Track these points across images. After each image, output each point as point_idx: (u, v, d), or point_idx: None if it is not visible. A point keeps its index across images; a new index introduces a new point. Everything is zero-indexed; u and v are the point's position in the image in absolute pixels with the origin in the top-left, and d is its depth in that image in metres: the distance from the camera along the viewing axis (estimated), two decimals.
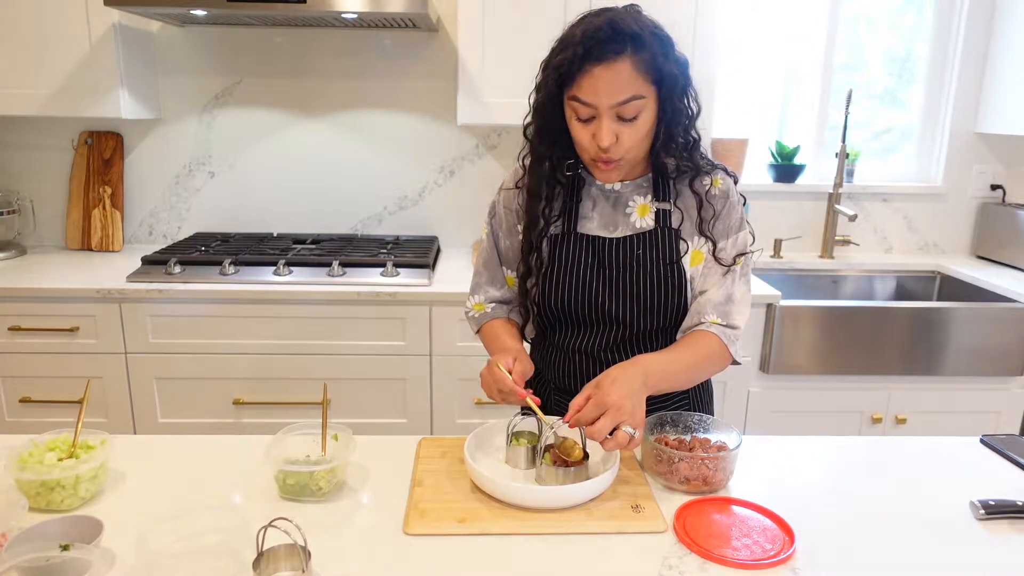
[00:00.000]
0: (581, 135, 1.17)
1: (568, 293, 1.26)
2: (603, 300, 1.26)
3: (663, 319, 1.27)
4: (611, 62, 1.10)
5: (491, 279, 1.40)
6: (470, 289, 1.43)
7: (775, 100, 2.90)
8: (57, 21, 2.28)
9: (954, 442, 1.31)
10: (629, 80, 1.11)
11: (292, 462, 1.07)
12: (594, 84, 1.11)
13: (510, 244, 1.36)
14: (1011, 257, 2.73)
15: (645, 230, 1.26)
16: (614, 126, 1.13)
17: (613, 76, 1.10)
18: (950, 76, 2.81)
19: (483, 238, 1.40)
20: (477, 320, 1.42)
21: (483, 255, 1.40)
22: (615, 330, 1.28)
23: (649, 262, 1.25)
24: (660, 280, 1.25)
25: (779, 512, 1.04)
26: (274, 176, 2.73)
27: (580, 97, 1.13)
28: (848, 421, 2.38)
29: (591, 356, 1.30)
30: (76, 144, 2.67)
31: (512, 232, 1.35)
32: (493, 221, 1.38)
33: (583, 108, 1.14)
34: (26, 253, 2.63)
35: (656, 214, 1.27)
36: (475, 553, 0.95)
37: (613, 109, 1.12)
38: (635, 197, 1.28)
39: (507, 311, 1.41)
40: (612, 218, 1.28)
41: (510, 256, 1.37)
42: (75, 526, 0.93)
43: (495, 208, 1.37)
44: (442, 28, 2.61)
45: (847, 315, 2.28)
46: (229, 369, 2.24)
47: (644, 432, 1.15)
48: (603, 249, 1.26)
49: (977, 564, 0.96)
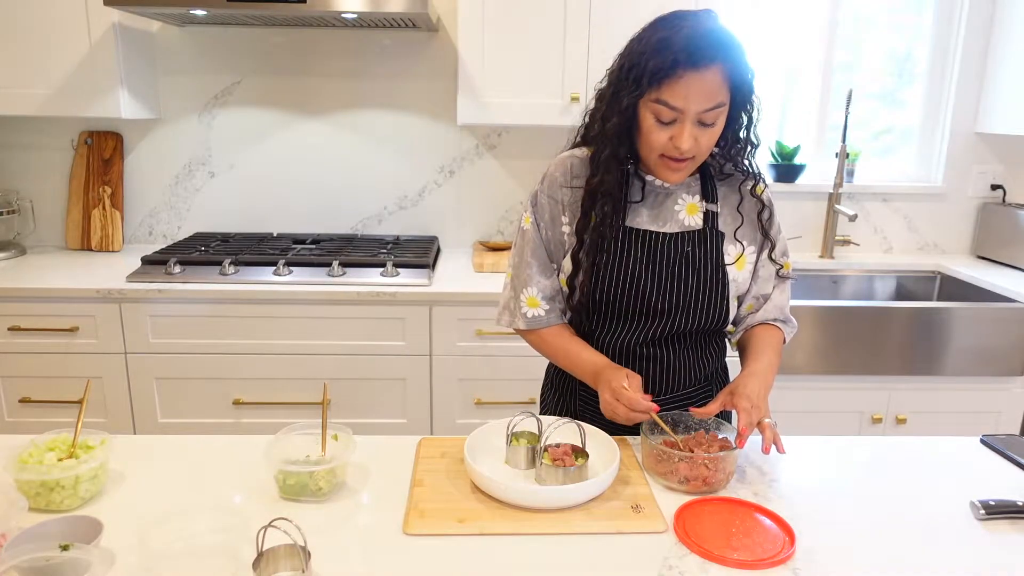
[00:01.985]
0: (657, 136, 1.17)
1: (616, 285, 1.26)
2: (650, 294, 1.26)
3: (705, 319, 1.29)
4: (704, 70, 1.11)
5: (542, 269, 1.34)
6: (518, 282, 1.35)
7: (775, 100, 2.90)
8: (57, 21, 2.28)
9: (954, 442, 1.31)
10: (717, 88, 1.13)
11: (292, 462, 1.07)
12: (685, 90, 1.11)
13: (552, 236, 1.32)
14: (1011, 257, 2.73)
15: (693, 229, 1.29)
16: (695, 130, 1.15)
17: (704, 84, 1.12)
18: (950, 76, 2.81)
19: (525, 228, 1.34)
20: (531, 321, 1.35)
21: (529, 245, 1.33)
22: (656, 325, 1.29)
23: (697, 260, 1.28)
24: (706, 279, 1.28)
25: (779, 512, 1.04)
26: (274, 176, 2.73)
27: (669, 102, 1.13)
28: (848, 421, 2.38)
29: (628, 350, 1.31)
30: (76, 144, 2.67)
31: (555, 223, 1.32)
32: (536, 211, 1.33)
33: (667, 111, 1.14)
34: (26, 253, 2.63)
35: (704, 214, 1.29)
36: (475, 553, 0.95)
37: (698, 115, 1.14)
38: (683, 195, 1.29)
39: (560, 313, 1.35)
40: (661, 213, 1.29)
41: (551, 249, 1.33)
42: (75, 526, 0.93)
43: (537, 198, 1.33)
44: (442, 28, 2.61)
45: (847, 315, 2.28)
46: (229, 369, 2.24)
47: (646, 434, 1.16)
48: (653, 243, 1.27)
49: (977, 564, 0.96)
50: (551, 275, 1.34)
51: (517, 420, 1.19)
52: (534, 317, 1.34)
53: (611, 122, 1.20)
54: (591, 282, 1.27)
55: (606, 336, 1.32)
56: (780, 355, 1.33)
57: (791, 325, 1.39)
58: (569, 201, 1.30)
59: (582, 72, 2.34)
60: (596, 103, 1.27)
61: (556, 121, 2.37)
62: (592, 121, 1.27)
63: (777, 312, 1.37)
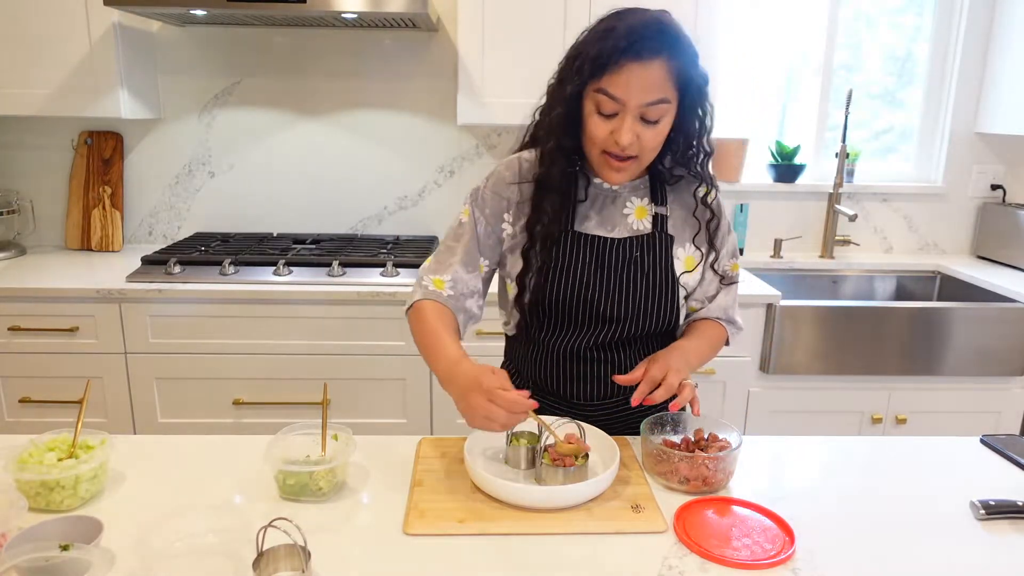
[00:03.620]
0: (599, 129, 1.15)
1: (565, 291, 1.25)
2: (599, 299, 1.25)
3: (654, 323, 1.28)
4: (648, 61, 1.10)
5: (465, 261, 1.27)
6: (431, 266, 1.29)
7: (775, 100, 2.90)
8: (57, 21, 2.28)
9: (954, 442, 1.31)
10: (661, 82, 1.12)
11: (292, 462, 1.07)
12: (627, 80, 1.10)
13: (491, 230, 1.29)
14: (1011, 257, 2.73)
15: (643, 233, 1.27)
16: (636, 126, 1.13)
17: (647, 76, 1.10)
18: (950, 76, 2.81)
19: (461, 221, 1.30)
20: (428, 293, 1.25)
21: (463, 237, 1.29)
22: (605, 330, 1.27)
23: (646, 265, 1.26)
24: (655, 283, 1.26)
25: (779, 512, 1.04)
26: (274, 176, 2.73)
27: (609, 91, 1.11)
28: (848, 421, 2.38)
29: (577, 355, 1.30)
30: (76, 144, 2.67)
31: (496, 219, 1.29)
32: (476, 205, 1.29)
33: (609, 103, 1.12)
34: (26, 253, 2.63)
35: (654, 218, 1.28)
36: (475, 553, 0.95)
37: (639, 109, 1.12)
38: (632, 198, 1.28)
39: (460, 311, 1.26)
40: (610, 217, 1.28)
41: (488, 245, 1.29)
42: (75, 526, 0.93)
43: (480, 194, 1.30)
44: (442, 28, 2.61)
45: (847, 315, 2.28)
46: (229, 369, 2.24)
47: (646, 434, 1.16)
48: (602, 249, 1.26)
49: (977, 564, 0.96)
50: (474, 272, 1.28)
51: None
52: (432, 291, 1.25)
53: (555, 112, 1.18)
54: (540, 286, 1.25)
55: (554, 340, 1.29)
56: (714, 348, 1.34)
57: (736, 327, 1.38)
58: (517, 200, 1.27)
59: None
60: (546, 99, 1.24)
61: None
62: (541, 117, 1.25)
63: (720, 312, 1.36)
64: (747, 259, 2.77)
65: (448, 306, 1.25)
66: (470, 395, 1.05)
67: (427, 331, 1.20)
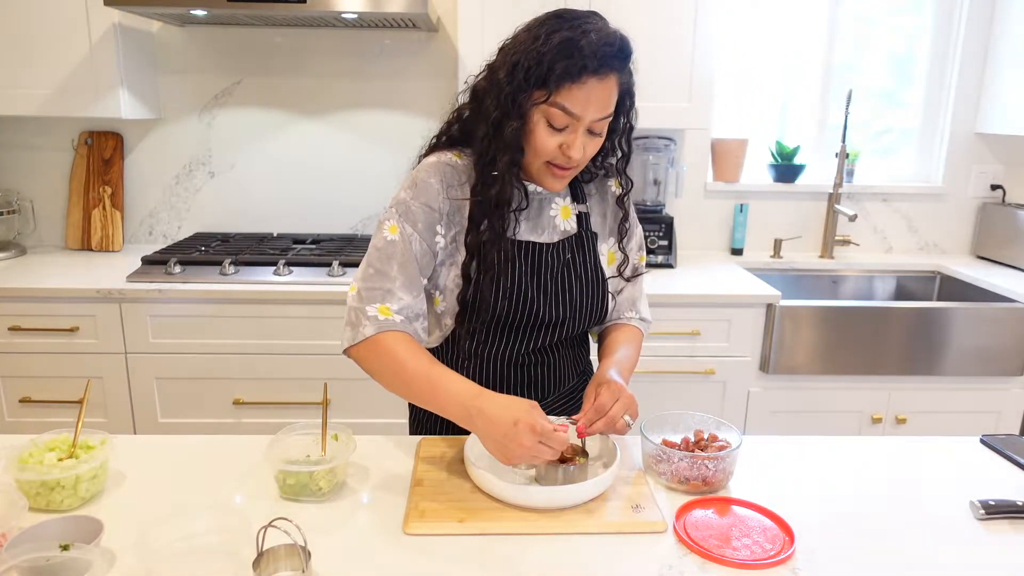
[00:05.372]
0: (548, 141, 1.12)
1: (503, 300, 1.20)
2: (537, 306, 1.23)
3: (588, 322, 1.29)
4: (604, 77, 1.09)
5: (407, 284, 1.16)
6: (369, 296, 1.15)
7: (775, 100, 2.90)
8: (57, 21, 2.28)
9: (954, 442, 1.31)
10: (612, 97, 1.12)
11: (292, 462, 1.07)
12: (586, 97, 1.09)
13: (425, 247, 1.19)
14: (1011, 257, 2.73)
15: (570, 234, 1.28)
16: (583, 138, 1.13)
17: (603, 92, 1.10)
18: (950, 76, 2.81)
19: (391, 239, 1.17)
20: (381, 324, 1.12)
21: (396, 258, 1.16)
22: (542, 335, 1.26)
23: (578, 266, 1.27)
24: (587, 283, 1.27)
25: (779, 512, 1.04)
26: (274, 176, 2.73)
27: (568, 107, 1.09)
28: (848, 421, 2.38)
29: (512, 362, 1.27)
30: (76, 144, 2.67)
31: (429, 232, 1.18)
32: (405, 220, 1.18)
33: (562, 117, 1.10)
34: (26, 253, 2.63)
35: (578, 217, 1.29)
36: (475, 553, 0.95)
37: (591, 123, 1.12)
38: (556, 199, 1.28)
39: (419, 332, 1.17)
40: (538, 222, 1.26)
41: (424, 263, 1.19)
42: (75, 526, 0.93)
43: (408, 205, 1.18)
44: (442, 28, 2.61)
45: (847, 315, 2.28)
46: (229, 369, 2.24)
47: (646, 434, 1.16)
48: (536, 255, 1.23)
49: (977, 564, 0.96)
50: (417, 293, 1.17)
51: None
52: (385, 320, 1.13)
53: (511, 127, 1.11)
54: (481, 298, 1.19)
55: (490, 350, 1.26)
56: (639, 352, 1.33)
57: (647, 323, 1.39)
58: (447, 210, 1.19)
59: None
60: (475, 103, 1.18)
61: None
62: (471, 122, 1.19)
63: (628, 305, 1.36)
64: (747, 259, 2.77)
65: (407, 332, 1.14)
66: (519, 436, 0.99)
67: (410, 370, 1.10)
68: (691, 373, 2.29)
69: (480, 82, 1.19)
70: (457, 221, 1.21)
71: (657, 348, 2.26)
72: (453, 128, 1.25)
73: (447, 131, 1.26)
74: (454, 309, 1.22)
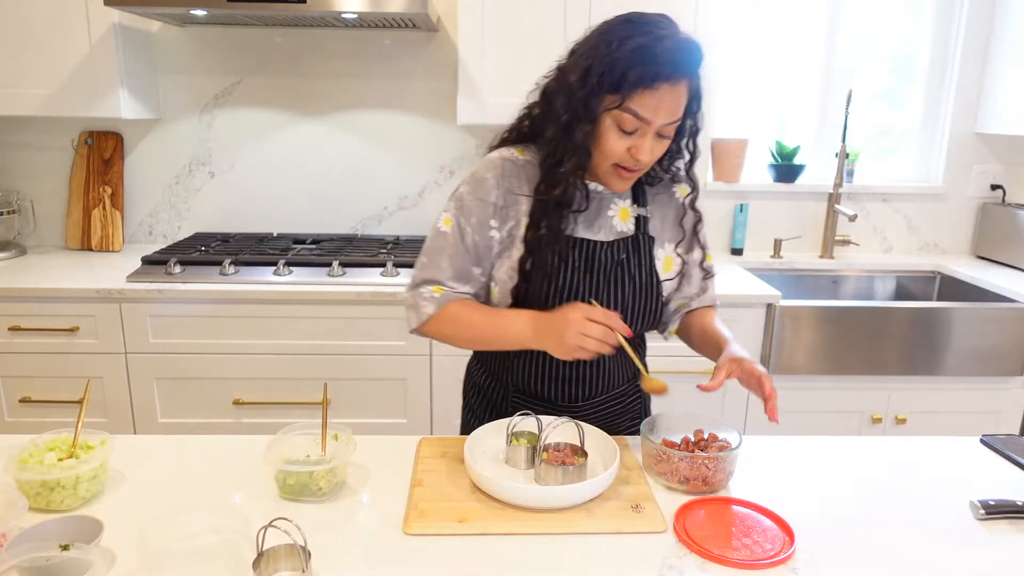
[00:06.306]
0: (617, 145, 1.13)
1: (555, 295, 1.22)
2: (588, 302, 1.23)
3: (639, 324, 1.29)
4: (676, 82, 1.09)
5: (457, 275, 1.23)
6: (420, 279, 1.25)
7: (775, 100, 2.90)
8: (57, 21, 2.28)
9: (954, 442, 1.31)
10: (682, 103, 1.13)
11: (292, 462, 1.07)
12: (658, 102, 1.09)
13: (478, 240, 1.23)
14: (1011, 257, 2.73)
15: (627, 235, 1.28)
16: (652, 142, 1.14)
17: (675, 97, 1.11)
18: (950, 76, 2.81)
19: (444, 231, 1.23)
20: (439, 300, 1.22)
21: (447, 249, 1.23)
22: None
23: (632, 267, 1.27)
24: (640, 285, 1.27)
25: (779, 512, 1.04)
26: (274, 176, 2.73)
27: (639, 112, 1.09)
28: (848, 421, 2.38)
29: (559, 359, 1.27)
30: (76, 144, 2.67)
31: (482, 227, 1.22)
32: (460, 214, 1.23)
33: (632, 121, 1.11)
34: (26, 253, 2.63)
35: (636, 219, 1.29)
36: (475, 553, 0.95)
37: (661, 127, 1.12)
38: (616, 200, 1.28)
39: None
40: (595, 220, 1.26)
41: (477, 255, 1.24)
42: (75, 526, 0.93)
43: (463, 200, 1.23)
44: (442, 28, 2.61)
45: (847, 315, 2.28)
46: (229, 369, 2.24)
47: (646, 434, 1.16)
48: (590, 252, 1.25)
49: (977, 564, 0.96)
50: (466, 284, 1.24)
51: (517, 420, 1.19)
52: (442, 296, 1.22)
53: (582, 130, 1.13)
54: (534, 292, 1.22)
55: None
56: None
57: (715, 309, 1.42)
58: (501, 204, 1.22)
59: None
60: (545, 103, 1.19)
61: None
62: (540, 121, 1.21)
63: (711, 301, 1.40)
64: (747, 259, 2.77)
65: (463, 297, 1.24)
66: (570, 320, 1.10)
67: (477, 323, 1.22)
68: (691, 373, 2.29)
69: (550, 83, 1.20)
70: (512, 215, 1.23)
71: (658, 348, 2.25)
72: (523, 124, 1.27)
73: (516, 127, 1.29)
74: (507, 301, 1.25)
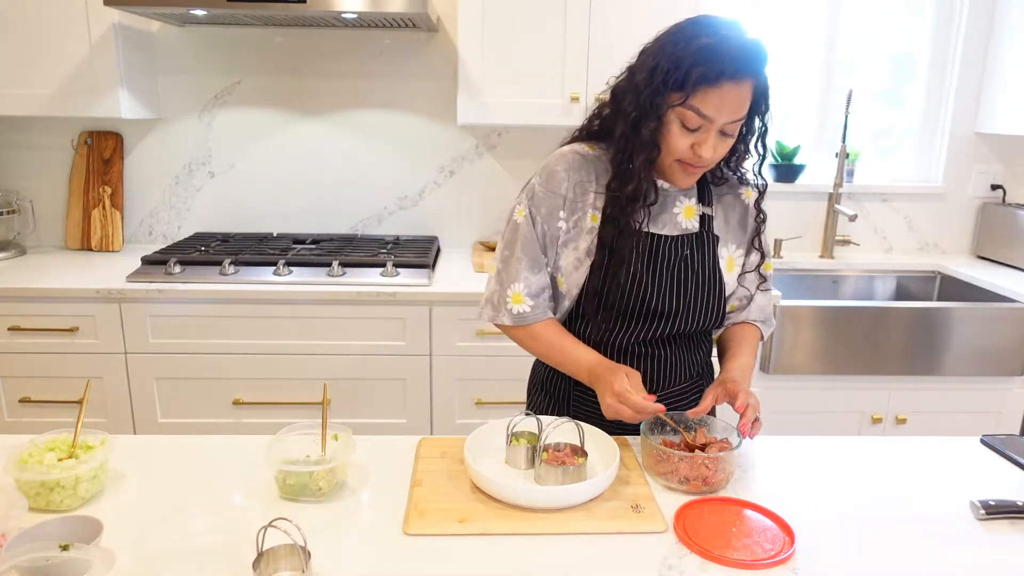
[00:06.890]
0: (681, 142, 1.16)
1: (618, 287, 1.25)
2: (651, 296, 1.26)
3: (701, 320, 1.31)
4: (740, 81, 1.11)
5: (531, 264, 1.29)
6: (505, 276, 1.31)
7: (775, 100, 2.90)
8: (57, 21, 2.28)
9: (954, 442, 1.31)
10: (746, 101, 1.14)
11: (292, 462, 1.07)
12: (720, 100, 1.11)
13: (547, 230, 1.28)
14: (1011, 257, 2.73)
15: (691, 232, 1.30)
16: (715, 139, 1.15)
17: (738, 96, 1.12)
18: (950, 76, 2.81)
19: (518, 221, 1.29)
20: (516, 318, 1.30)
21: (521, 239, 1.28)
22: (654, 326, 1.29)
23: (695, 263, 1.29)
24: (703, 281, 1.29)
25: (779, 512, 1.04)
26: (274, 176, 2.73)
27: (701, 110, 1.11)
28: (848, 421, 2.38)
29: (623, 350, 1.31)
30: (76, 144, 2.67)
31: (552, 218, 1.27)
32: (531, 204, 1.28)
33: (695, 118, 1.13)
34: (26, 253, 2.63)
35: (701, 218, 1.30)
36: (475, 553, 0.95)
37: (724, 125, 1.14)
38: (682, 197, 1.30)
39: (546, 309, 1.32)
40: (660, 215, 1.29)
41: (545, 244, 1.29)
42: (75, 526, 0.93)
43: (535, 191, 1.28)
44: (442, 28, 2.61)
45: (847, 315, 2.28)
46: (229, 369, 2.24)
47: (646, 434, 1.17)
48: (654, 246, 1.27)
49: (977, 564, 0.96)
50: (540, 271, 1.30)
51: (517, 420, 1.19)
52: (519, 313, 1.30)
53: (649, 127, 1.16)
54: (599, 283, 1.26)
55: (603, 336, 1.31)
56: (756, 353, 1.39)
57: (769, 324, 1.43)
58: (570, 197, 1.27)
59: (582, 72, 2.33)
60: (614, 102, 1.23)
61: (556, 121, 2.37)
62: (610, 120, 1.24)
63: (759, 313, 1.40)
64: None
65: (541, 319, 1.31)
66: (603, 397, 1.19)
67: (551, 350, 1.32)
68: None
69: (620, 83, 1.23)
70: (580, 207, 1.27)
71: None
72: (594, 123, 1.30)
73: (587, 126, 1.32)
74: (572, 293, 1.30)
